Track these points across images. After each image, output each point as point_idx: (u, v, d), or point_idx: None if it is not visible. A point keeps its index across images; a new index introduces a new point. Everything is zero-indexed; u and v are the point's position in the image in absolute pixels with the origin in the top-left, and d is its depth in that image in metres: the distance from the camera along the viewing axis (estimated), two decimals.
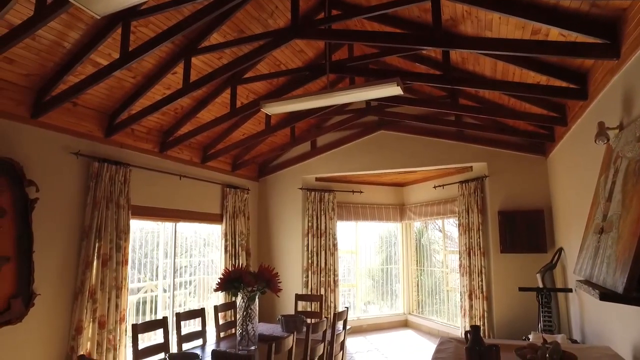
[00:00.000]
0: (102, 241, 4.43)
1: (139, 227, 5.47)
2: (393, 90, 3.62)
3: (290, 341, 2.91)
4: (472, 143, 6.25)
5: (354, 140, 7.05)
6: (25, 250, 3.82)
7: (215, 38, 4.40)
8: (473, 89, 4.80)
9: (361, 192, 7.94)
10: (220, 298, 6.17)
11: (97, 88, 4.29)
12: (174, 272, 5.77)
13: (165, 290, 5.88)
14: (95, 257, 4.37)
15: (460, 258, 6.46)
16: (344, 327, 4.06)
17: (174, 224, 5.80)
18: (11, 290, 3.71)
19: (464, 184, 6.50)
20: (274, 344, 2.67)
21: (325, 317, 3.64)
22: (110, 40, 3.85)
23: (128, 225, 4.77)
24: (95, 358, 4.27)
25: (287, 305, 6.85)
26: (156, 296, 5.91)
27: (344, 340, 4.00)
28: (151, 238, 6.09)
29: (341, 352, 3.99)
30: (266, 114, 5.91)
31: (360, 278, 8.32)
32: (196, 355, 2.90)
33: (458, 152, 6.35)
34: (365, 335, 7.36)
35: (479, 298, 5.94)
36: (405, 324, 8.08)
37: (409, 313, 8.15)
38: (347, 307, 4.13)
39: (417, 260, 8.32)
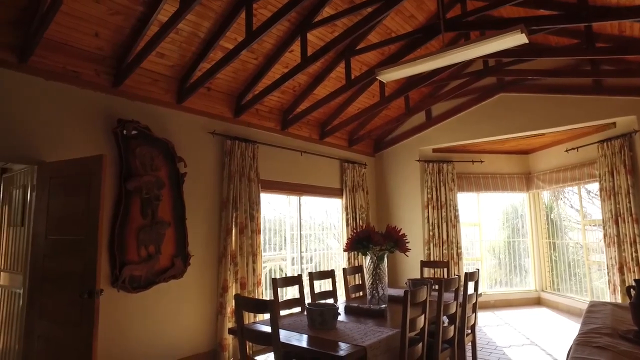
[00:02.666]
0: (238, 211, 4.90)
1: (267, 200, 5.91)
2: (517, 39, 3.33)
3: (424, 293, 2.91)
4: (615, 95, 5.48)
5: (471, 107, 6.68)
6: (179, 217, 4.41)
7: (327, 11, 4.52)
8: (616, 25, 4.19)
9: (482, 161, 7.51)
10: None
11: (225, 72, 4.71)
12: (300, 244, 6.14)
13: (292, 263, 6.28)
14: (234, 225, 4.86)
15: (604, 227, 5.75)
16: (476, 289, 3.91)
17: (298, 197, 6.15)
18: (173, 251, 4.32)
19: (605, 144, 5.75)
20: (409, 293, 2.69)
21: (457, 275, 3.55)
22: (235, 25, 4.19)
23: (259, 197, 5.20)
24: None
25: (411, 274, 6.84)
26: (284, 266, 6.34)
27: (476, 302, 3.86)
28: (278, 212, 6.53)
29: (473, 314, 3.86)
30: (380, 86, 5.91)
31: (484, 251, 7.90)
32: (334, 305, 3.07)
33: (596, 107, 5.62)
34: (494, 311, 6.99)
35: (634, 271, 5.23)
36: (538, 302, 7.48)
37: (542, 290, 7.51)
38: (478, 269, 3.97)
39: (548, 233, 7.61)
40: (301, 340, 2.69)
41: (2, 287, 3.96)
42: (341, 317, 3.26)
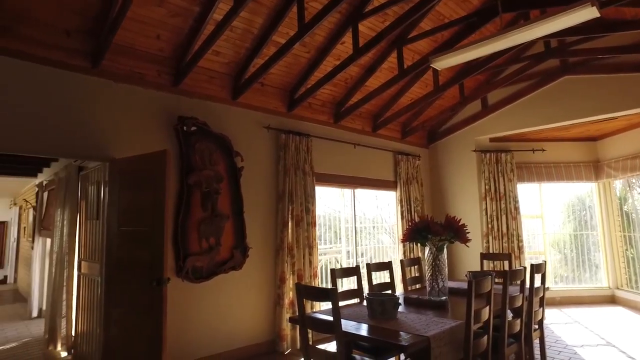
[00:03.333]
0: (294, 204, 4.97)
1: (322, 194, 5.93)
2: (586, 13, 3.10)
3: (488, 283, 2.80)
4: None
5: (531, 93, 6.33)
6: (238, 210, 4.55)
7: (377, 1, 4.45)
8: None
9: (543, 150, 7.11)
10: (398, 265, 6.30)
11: (278, 67, 4.77)
12: (355, 237, 6.12)
13: (348, 256, 6.28)
14: (290, 218, 4.94)
15: None
16: (543, 282, 3.71)
17: (352, 190, 6.14)
18: (232, 243, 4.47)
19: None
20: (474, 281, 2.60)
21: (522, 266, 3.37)
22: (287, 20, 4.23)
23: (314, 189, 5.24)
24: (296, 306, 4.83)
25: (470, 268, 6.62)
26: (340, 259, 6.36)
27: (543, 296, 3.66)
28: (332, 206, 6.55)
29: (540, 309, 3.67)
30: (433, 75, 5.75)
31: (547, 245, 7.48)
32: (395, 296, 3.03)
33: None
34: (560, 308, 6.60)
35: None
36: (611, 300, 6.96)
37: (617, 287, 6.99)
38: (545, 261, 3.76)
39: (622, 226, 7.06)
40: (362, 329, 2.68)
41: (83, 275, 4.28)
42: (400, 308, 3.21)
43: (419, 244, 4.76)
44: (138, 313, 3.33)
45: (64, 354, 4.74)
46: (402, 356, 3.91)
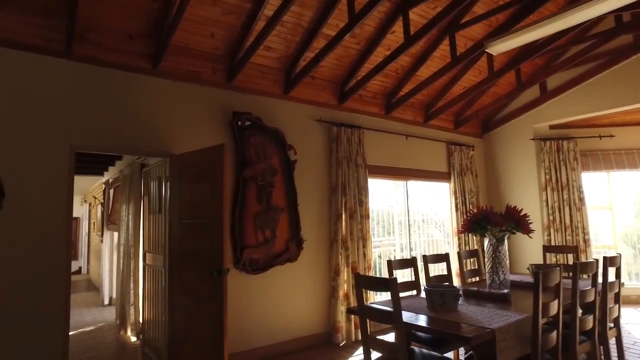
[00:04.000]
0: (347, 196, 4.97)
1: (374, 186, 5.87)
2: None
3: (556, 275, 2.65)
4: None
5: (597, 74, 5.90)
6: (292, 202, 4.62)
7: None
8: None
9: (611, 135, 6.62)
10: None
11: (328, 59, 4.77)
12: (408, 230, 6.03)
13: (401, 249, 6.19)
14: (343, 211, 4.94)
15: None
16: (618, 277, 3.46)
17: (405, 182, 6.04)
18: (287, 235, 4.54)
19: None
20: (541, 273, 2.47)
21: (593, 259, 3.17)
22: (336, 12, 4.21)
23: (366, 182, 5.21)
24: (350, 298, 4.84)
25: (531, 261, 6.30)
26: (393, 252, 6.28)
27: (618, 292, 3.42)
28: (385, 199, 6.49)
29: (616, 306, 3.42)
30: (488, 61, 5.52)
31: (618, 238, 6.97)
32: (455, 287, 2.95)
33: None
34: (637, 308, 6.14)
35: None
36: None
37: None
38: (620, 254, 3.50)
39: None
40: (421, 321, 2.63)
41: (148, 266, 4.52)
42: (460, 301, 3.12)
43: (476, 236, 4.60)
44: (200, 301, 3.47)
45: (133, 338, 5.05)
46: (462, 350, 3.81)
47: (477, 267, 4.36)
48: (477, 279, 4.29)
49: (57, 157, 3.48)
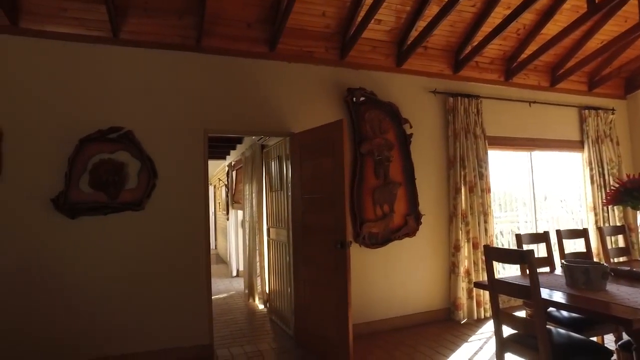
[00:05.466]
0: (466, 169, 4.74)
1: (494, 158, 5.48)
2: None
3: None
4: None
5: None
6: (409, 177, 4.55)
7: None
8: None
9: None
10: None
11: (441, 27, 4.52)
12: (534, 204, 5.56)
13: (526, 225, 5.75)
14: (462, 184, 4.73)
15: None
16: None
17: (529, 152, 5.55)
18: (405, 210, 4.51)
19: None
20: None
21: None
22: None
23: (486, 154, 4.91)
24: (472, 275, 4.66)
25: None
26: (517, 228, 5.86)
27: None
28: (507, 170, 6.05)
29: None
30: (639, 5, 4.72)
31: None
32: (602, 264, 2.65)
33: None
34: None
35: None
36: None
37: None
38: None
39: None
40: (560, 298, 2.42)
41: (272, 240, 4.86)
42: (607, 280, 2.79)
43: (624, 209, 4.06)
44: (325, 272, 3.63)
45: (260, 306, 5.51)
46: (609, 336, 3.43)
47: (625, 246, 3.85)
48: (625, 258, 3.80)
49: (195, 141, 3.88)
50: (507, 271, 5.42)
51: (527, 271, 2.34)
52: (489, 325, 4.46)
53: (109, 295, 3.56)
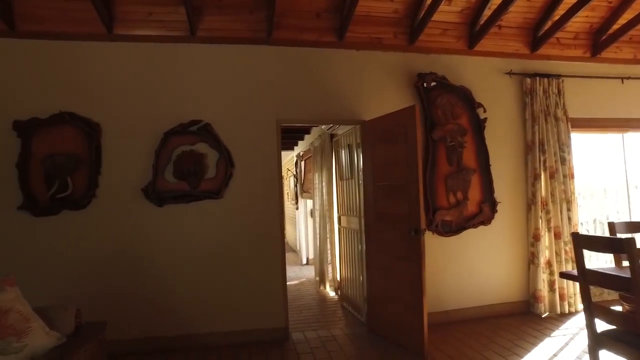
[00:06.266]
0: (546, 154, 4.45)
1: (578, 141, 5.08)
2: None
3: None
4: None
5: None
6: (484, 163, 4.37)
7: None
8: None
9: None
10: None
11: (517, 3, 4.22)
12: (627, 191, 5.09)
13: (617, 214, 5.29)
14: (542, 170, 4.45)
15: None
16: None
17: (621, 135, 5.08)
18: (480, 197, 4.34)
19: None
20: None
21: None
22: None
23: (569, 137, 4.57)
24: (554, 266, 4.38)
25: None
26: (607, 217, 5.41)
27: None
28: (595, 154, 5.59)
29: None
30: None
31: None
32: None
33: None
34: None
35: None
36: None
37: None
38: None
39: None
40: None
41: (343, 228, 4.92)
42: None
43: None
44: (397, 260, 3.61)
45: (332, 293, 5.61)
46: None
47: None
48: None
49: (268, 131, 4.02)
50: (593, 263, 5.04)
51: (626, 262, 2.16)
52: (575, 321, 4.18)
53: (193, 276, 3.82)
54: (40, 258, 3.61)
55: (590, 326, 2.45)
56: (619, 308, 3.51)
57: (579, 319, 4.19)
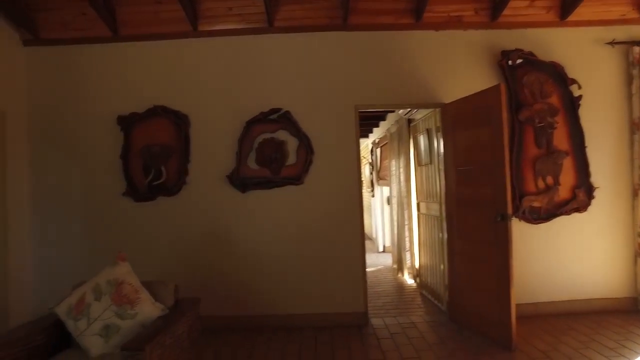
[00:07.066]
0: None
1: None
2: None
3: None
4: None
5: None
6: (578, 145, 4.01)
7: None
8: None
9: None
10: None
11: None
12: None
13: None
14: None
15: None
16: None
17: None
18: (574, 182, 4.00)
19: None
20: None
21: None
22: None
23: None
24: None
25: None
26: None
27: None
28: None
29: None
30: None
31: None
32: None
33: None
34: None
35: None
36: None
37: None
38: None
39: None
40: None
41: (422, 215, 4.82)
42: None
43: None
44: (482, 246, 3.46)
45: (410, 281, 5.54)
46: None
47: None
48: None
49: (346, 117, 4.04)
50: None
51: None
52: None
53: (276, 259, 3.99)
54: (141, 239, 4.00)
55: None
56: None
57: None
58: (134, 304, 2.28)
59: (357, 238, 4.02)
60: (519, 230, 3.97)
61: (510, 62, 3.98)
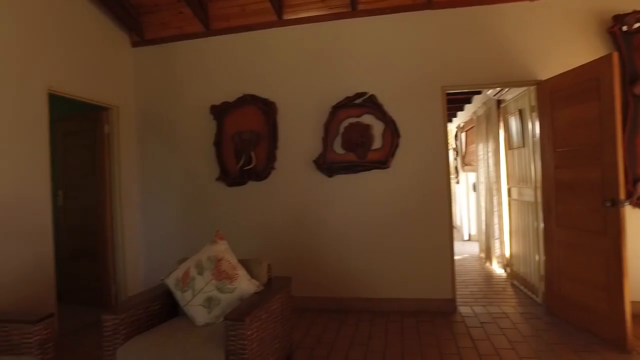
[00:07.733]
0: None
1: None
2: None
3: None
4: None
5: None
6: None
7: None
8: None
9: None
10: None
11: None
12: None
13: None
14: None
15: None
16: None
17: None
18: None
19: None
20: None
21: None
22: None
23: None
24: None
25: None
26: None
27: None
28: None
29: None
30: None
31: None
32: None
33: None
34: None
35: None
36: None
37: None
38: None
39: None
40: None
41: (514, 201, 4.54)
42: None
43: None
44: (587, 234, 3.16)
45: (499, 270, 5.25)
46: None
47: None
48: None
49: (433, 99, 3.91)
50: None
51: None
52: None
53: (363, 243, 4.02)
54: (233, 221, 4.25)
55: None
56: None
57: None
58: (232, 280, 2.43)
59: (445, 222, 3.89)
60: (632, 217, 3.56)
61: (625, 28, 3.54)
